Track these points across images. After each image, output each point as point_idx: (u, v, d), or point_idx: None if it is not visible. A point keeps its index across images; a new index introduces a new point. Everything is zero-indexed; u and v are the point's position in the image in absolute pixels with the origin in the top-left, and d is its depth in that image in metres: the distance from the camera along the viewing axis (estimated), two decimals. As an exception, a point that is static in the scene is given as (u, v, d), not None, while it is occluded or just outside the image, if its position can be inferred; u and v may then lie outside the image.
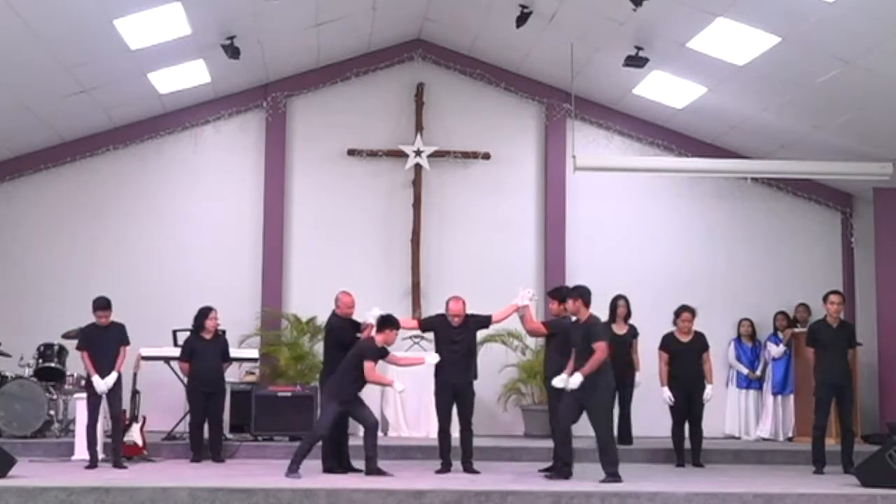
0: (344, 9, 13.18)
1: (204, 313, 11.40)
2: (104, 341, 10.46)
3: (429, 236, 14.55)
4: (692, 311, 11.47)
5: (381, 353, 10.03)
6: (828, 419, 10.80)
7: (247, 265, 14.33)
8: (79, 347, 10.65)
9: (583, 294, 9.67)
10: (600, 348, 9.38)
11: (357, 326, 10.51)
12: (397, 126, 14.72)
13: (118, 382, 10.48)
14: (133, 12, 11.19)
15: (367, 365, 9.82)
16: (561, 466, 9.74)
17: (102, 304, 10.48)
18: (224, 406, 11.67)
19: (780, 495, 8.53)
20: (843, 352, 10.83)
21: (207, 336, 11.39)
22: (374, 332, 10.05)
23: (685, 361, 11.28)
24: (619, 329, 12.48)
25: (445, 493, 8.40)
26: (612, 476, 9.28)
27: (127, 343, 10.60)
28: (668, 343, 11.45)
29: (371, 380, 9.95)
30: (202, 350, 11.32)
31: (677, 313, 11.48)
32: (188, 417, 11.49)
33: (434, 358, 10.22)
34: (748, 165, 14.15)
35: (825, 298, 10.97)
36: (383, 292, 14.14)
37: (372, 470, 9.71)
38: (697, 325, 11.53)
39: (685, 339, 11.42)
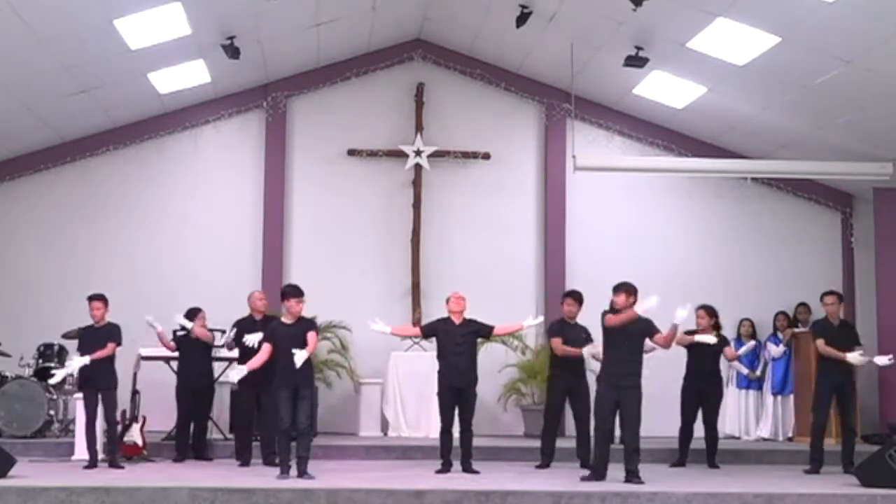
0: (344, 9, 13.18)
1: (193, 313, 11.42)
2: (98, 341, 10.36)
3: (429, 236, 14.54)
4: (707, 310, 11.31)
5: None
6: (827, 418, 10.81)
7: (247, 265, 14.31)
8: (79, 349, 10.65)
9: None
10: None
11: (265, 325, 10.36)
12: (397, 126, 14.72)
13: (111, 383, 10.38)
14: (133, 12, 11.19)
15: (263, 347, 9.72)
16: (600, 468, 9.56)
17: (93, 296, 10.45)
18: (211, 406, 11.69)
19: (780, 495, 8.54)
20: (846, 350, 10.81)
21: (194, 336, 11.40)
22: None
23: (700, 359, 11.18)
24: None
25: (445, 493, 8.41)
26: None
27: (116, 341, 10.43)
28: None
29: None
30: (190, 350, 11.35)
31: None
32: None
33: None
34: (748, 165, 14.15)
35: (821, 299, 10.99)
36: (383, 292, 14.19)
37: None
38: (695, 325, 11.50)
39: None
